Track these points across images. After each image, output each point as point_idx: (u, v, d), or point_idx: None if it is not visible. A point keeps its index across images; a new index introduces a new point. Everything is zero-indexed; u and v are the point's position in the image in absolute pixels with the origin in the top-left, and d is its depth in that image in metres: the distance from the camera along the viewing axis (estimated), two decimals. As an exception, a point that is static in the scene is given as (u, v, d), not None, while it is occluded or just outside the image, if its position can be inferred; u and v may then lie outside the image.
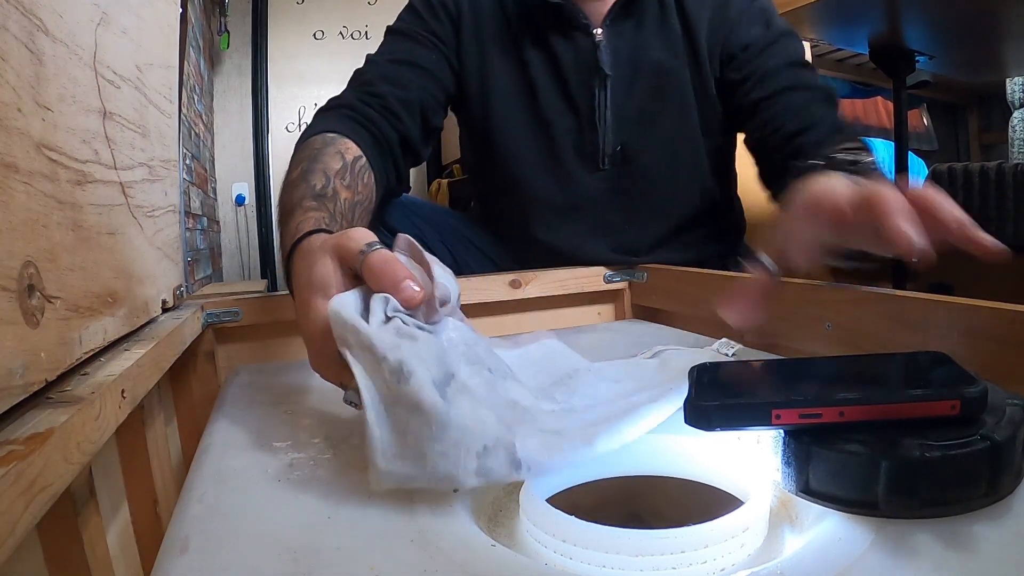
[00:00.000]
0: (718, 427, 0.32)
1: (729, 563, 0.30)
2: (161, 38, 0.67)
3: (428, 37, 0.89)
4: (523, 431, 0.35)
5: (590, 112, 0.90)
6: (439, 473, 0.32)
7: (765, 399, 0.32)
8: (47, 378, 0.35)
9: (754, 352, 0.65)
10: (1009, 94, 2.82)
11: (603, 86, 0.89)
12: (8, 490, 0.25)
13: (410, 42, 0.89)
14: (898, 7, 1.41)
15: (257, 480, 0.38)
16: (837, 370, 0.39)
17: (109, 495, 0.48)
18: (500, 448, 0.33)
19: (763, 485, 0.34)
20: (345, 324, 0.37)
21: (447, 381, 0.35)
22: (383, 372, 0.34)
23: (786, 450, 0.32)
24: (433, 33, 0.90)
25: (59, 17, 0.39)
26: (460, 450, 0.32)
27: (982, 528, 0.28)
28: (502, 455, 0.33)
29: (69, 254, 0.39)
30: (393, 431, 0.34)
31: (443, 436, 0.32)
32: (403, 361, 0.34)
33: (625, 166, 0.91)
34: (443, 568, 0.28)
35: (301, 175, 0.63)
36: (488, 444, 0.33)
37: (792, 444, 0.31)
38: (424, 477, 0.33)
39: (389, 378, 0.34)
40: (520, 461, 0.33)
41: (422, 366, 0.34)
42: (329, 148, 0.68)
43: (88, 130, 0.44)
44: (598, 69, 0.88)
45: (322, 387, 0.59)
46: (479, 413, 0.34)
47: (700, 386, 0.36)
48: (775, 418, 0.31)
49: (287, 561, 0.29)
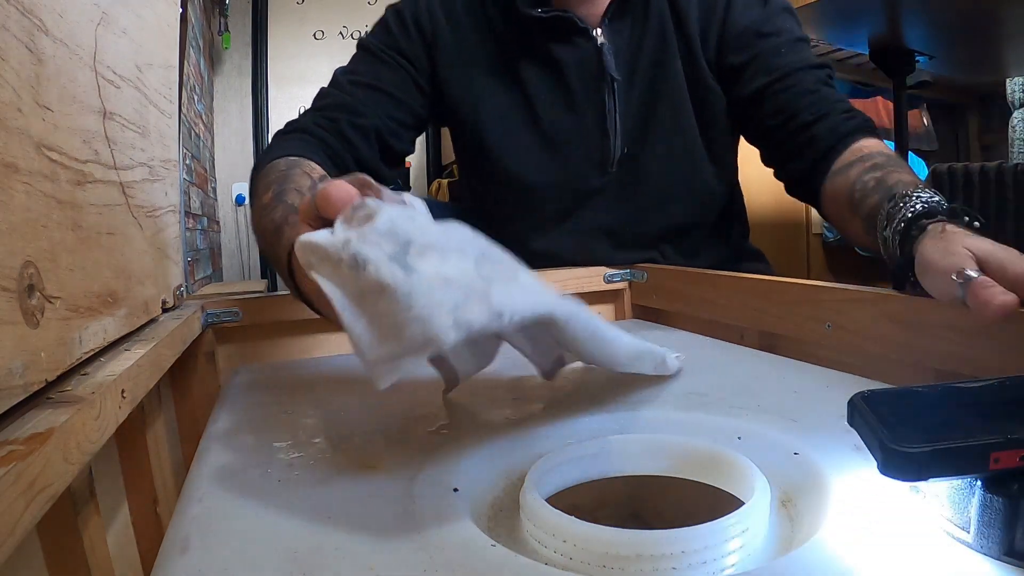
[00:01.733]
0: (929, 476, 0.27)
1: (729, 563, 0.30)
2: (161, 38, 0.67)
3: (394, 58, 0.88)
4: (496, 282, 0.34)
5: (600, 118, 0.89)
6: (417, 340, 0.31)
7: (980, 440, 0.27)
8: (47, 378, 0.35)
9: (755, 354, 0.65)
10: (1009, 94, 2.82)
11: (611, 91, 0.88)
12: (8, 490, 0.25)
13: (376, 63, 0.88)
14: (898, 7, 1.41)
15: (257, 480, 0.38)
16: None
17: (109, 495, 0.48)
18: (474, 298, 0.32)
19: (763, 485, 0.34)
20: (305, 246, 0.36)
21: (405, 250, 0.34)
22: (343, 271, 0.33)
23: (985, 503, 0.27)
24: (401, 52, 0.88)
25: (59, 17, 0.39)
26: (432, 310, 0.31)
27: None
28: (476, 305, 0.32)
29: (69, 254, 0.39)
30: (369, 323, 0.33)
31: (412, 303, 0.31)
32: (355, 251, 0.33)
33: (631, 166, 0.90)
34: (443, 568, 0.28)
35: (275, 197, 0.60)
36: (459, 299, 0.32)
37: (994, 496, 0.27)
38: (406, 350, 0.31)
39: (348, 273, 0.33)
40: (497, 309, 0.32)
41: (374, 248, 0.33)
42: (295, 169, 0.66)
43: (88, 130, 0.44)
44: (604, 74, 0.87)
45: (322, 387, 0.60)
46: (444, 270, 0.33)
47: (889, 425, 0.29)
48: (993, 462, 0.26)
49: (287, 561, 0.29)
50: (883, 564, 0.27)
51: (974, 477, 0.27)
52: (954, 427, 0.30)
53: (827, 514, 0.32)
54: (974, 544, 0.28)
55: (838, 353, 0.60)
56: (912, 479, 0.28)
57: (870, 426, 0.29)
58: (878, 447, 0.28)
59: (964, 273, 0.44)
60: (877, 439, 0.28)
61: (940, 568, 0.27)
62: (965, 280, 0.44)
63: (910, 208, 0.55)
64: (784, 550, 0.32)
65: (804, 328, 0.63)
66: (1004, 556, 0.27)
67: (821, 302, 0.61)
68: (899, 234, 0.54)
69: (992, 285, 0.42)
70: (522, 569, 0.28)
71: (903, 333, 0.53)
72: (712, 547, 0.30)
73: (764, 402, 0.48)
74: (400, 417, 0.48)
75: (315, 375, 0.65)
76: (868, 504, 0.32)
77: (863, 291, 0.57)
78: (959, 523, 0.28)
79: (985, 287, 0.42)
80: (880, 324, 0.55)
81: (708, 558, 0.29)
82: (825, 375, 0.56)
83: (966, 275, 0.44)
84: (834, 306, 0.60)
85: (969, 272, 0.44)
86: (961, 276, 0.44)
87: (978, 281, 0.43)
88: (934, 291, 0.49)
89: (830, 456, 0.38)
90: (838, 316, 0.60)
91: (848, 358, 0.59)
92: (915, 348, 0.52)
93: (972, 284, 0.43)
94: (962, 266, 0.45)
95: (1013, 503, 0.26)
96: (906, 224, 0.54)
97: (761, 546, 0.32)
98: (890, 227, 0.56)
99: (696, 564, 0.29)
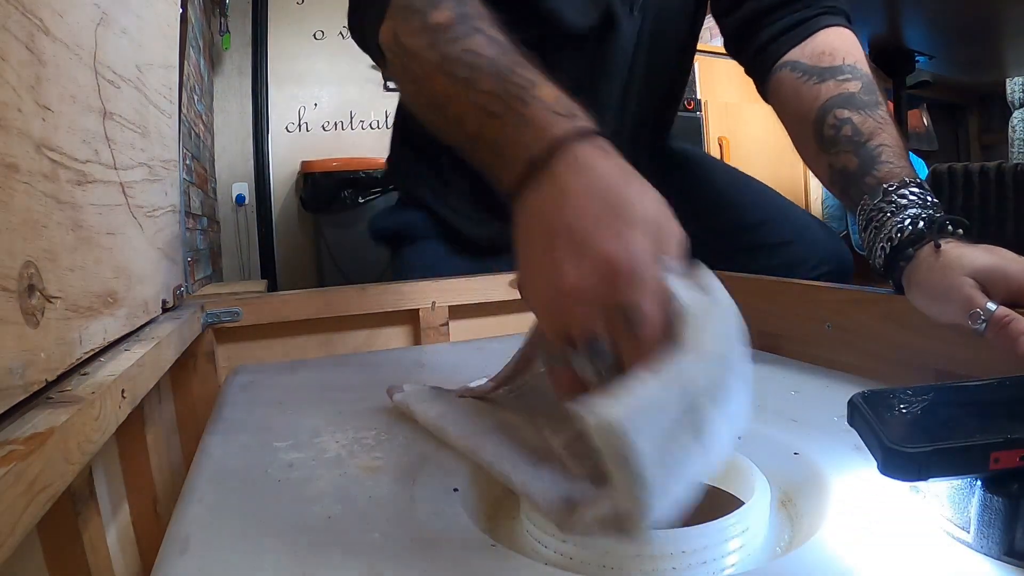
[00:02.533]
0: (929, 476, 0.27)
1: (729, 563, 0.30)
2: (161, 38, 0.67)
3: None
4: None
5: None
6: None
7: (980, 440, 0.27)
8: (47, 378, 0.35)
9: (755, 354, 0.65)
10: (1009, 94, 2.82)
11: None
12: (8, 490, 0.25)
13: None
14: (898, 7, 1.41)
15: (257, 480, 0.38)
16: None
17: (109, 495, 0.48)
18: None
19: (763, 485, 0.34)
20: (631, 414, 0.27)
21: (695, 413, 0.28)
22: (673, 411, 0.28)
23: (985, 503, 0.27)
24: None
25: (59, 17, 0.39)
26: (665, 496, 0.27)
27: None
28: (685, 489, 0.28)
29: (69, 254, 0.39)
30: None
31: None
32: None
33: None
34: (443, 568, 0.28)
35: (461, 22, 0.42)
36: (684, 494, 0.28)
37: (993, 496, 0.26)
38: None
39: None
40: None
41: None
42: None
43: (88, 130, 0.44)
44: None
45: (321, 387, 0.59)
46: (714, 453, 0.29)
47: (889, 425, 0.29)
48: (993, 462, 0.26)
49: (287, 561, 0.29)
50: (883, 564, 0.27)
51: (974, 477, 0.27)
52: (954, 427, 0.30)
53: (827, 514, 0.32)
54: (974, 544, 0.28)
55: (838, 353, 0.60)
56: (912, 479, 0.27)
57: (870, 426, 0.29)
58: (878, 447, 0.28)
59: (977, 314, 0.43)
60: (877, 439, 0.28)
61: (940, 568, 0.27)
62: (984, 319, 0.43)
63: (896, 226, 0.52)
64: (784, 550, 0.32)
65: (804, 328, 0.63)
66: (1004, 556, 0.27)
67: (821, 302, 0.61)
68: (890, 243, 0.52)
69: (1013, 318, 0.42)
70: (522, 569, 0.28)
71: (903, 333, 0.53)
72: (712, 547, 0.30)
73: (764, 402, 0.48)
74: (400, 417, 0.48)
75: (315, 375, 0.65)
76: (868, 504, 0.32)
77: (863, 291, 0.57)
78: (959, 523, 0.28)
79: (1006, 323, 0.42)
80: (880, 324, 0.55)
81: (708, 558, 0.29)
82: (825, 375, 0.56)
83: (982, 314, 0.43)
84: (834, 306, 0.60)
85: (987, 307, 0.43)
86: (976, 320, 0.43)
87: (996, 318, 0.42)
88: (932, 314, 0.49)
89: (830, 456, 0.38)
90: (838, 316, 0.60)
91: (848, 358, 0.59)
92: (915, 348, 0.52)
93: (993, 322, 0.42)
94: (973, 304, 0.44)
95: (1013, 503, 0.26)
96: (892, 249, 0.52)
97: (761, 546, 0.32)
98: (879, 236, 0.54)
99: (696, 564, 0.29)
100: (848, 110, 0.63)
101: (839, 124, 0.62)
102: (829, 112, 0.64)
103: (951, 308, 0.45)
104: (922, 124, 3.07)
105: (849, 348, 0.59)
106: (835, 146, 0.62)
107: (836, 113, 0.63)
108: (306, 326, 0.75)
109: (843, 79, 0.65)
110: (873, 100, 0.63)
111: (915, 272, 0.50)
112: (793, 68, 0.69)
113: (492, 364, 0.51)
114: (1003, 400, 0.33)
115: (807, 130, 0.66)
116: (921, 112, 3.06)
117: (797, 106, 0.68)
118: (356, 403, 0.52)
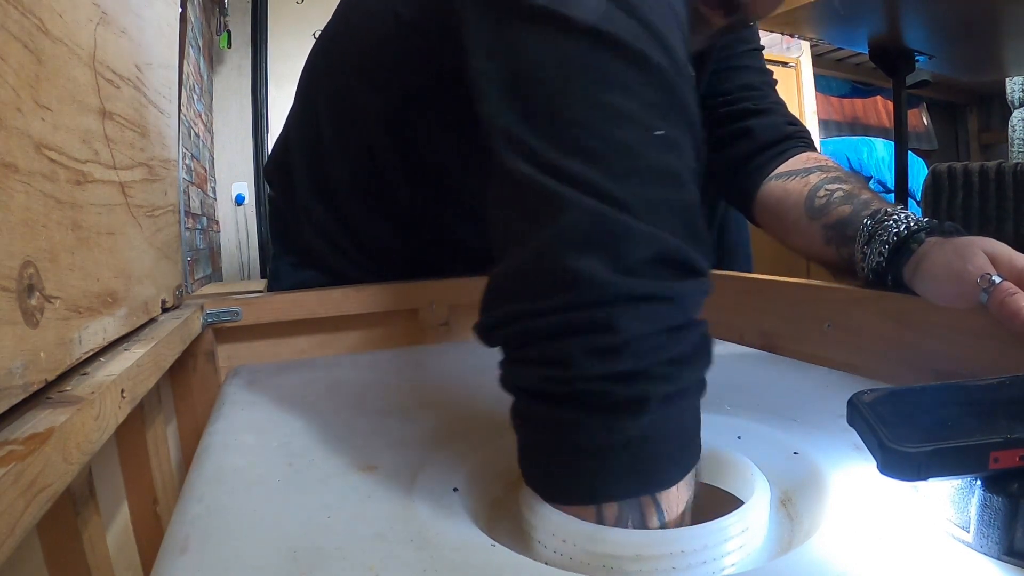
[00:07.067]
0: (928, 476, 0.27)
1: (729, 563, 0.30)
2: (161, 38, 0.67)
3: None
4: None
5: None
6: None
7: (980, 439, 0.27)
8: (47, 378, 0.35)
9: (755, 353, 0.65)
10: (1009, 94, 2.82)
11: None
12: (8, 490, 0.25)
13: None
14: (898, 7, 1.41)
15: (257, 480, 0.38)
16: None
17: (109, 495, 0.48)
18: None
19: (763, 485, 0.34)
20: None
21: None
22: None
23: (984, 503, 0.27)
24: None
25: (59, 17, 0.39)
26: None
27: None
28: None
29: (69, 254, 0.39)
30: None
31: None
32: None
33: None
34: (443, 568, 0.28)
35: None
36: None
37: (994, 496, 0.26)
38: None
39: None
40: None
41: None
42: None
43: (88, 130, 0.44)
44: None
45: (321, 387, 0.59)
46: None
47: (889, 425, 0.29)
48: (993, 462, 0.26)
49: (287, 561, 0.29)
50: (883, 564, 0.27)
51: (974, 477, 0.27)
52: (954, 427, 0.30)
53: (827, 514, 0.32)
54: (974, 544, 0.28)
55: (838, 353, 0.60)
56: (912, 479, 0.27)
57: (870, 426, 0.29)
58: (878, 447, 0.28)
59: (988, 278, 0.45)
60: (877, 439, 0.28)
61: (940, 568, 0.27)
62: (989, 285, 0.44)
63: (902, 224, 0.55)
64: (784, 550, 0.32)
65: (804, 328, 0.63)
66: (1004, 556, 0.27)
67: (821, 302, 0.61)
68: (888, 245, 0.55)
69: (1016, 292, 0.43)
70: (522, 569, 0.28)
71: (903, 333, 0.53)
72: (711, 547, 0.30)
73: (764, 402, 0.48)
74: (400, 417, 0.48)
75: (315, 375, 0.65)
76: (868, 504, 0.32)
77: (863, 291, 0.57)
78: (959, 523, 0.28)
79: (1010, 294, 0.43)
80: (880, 324, 0.55)
81: (708, 558, 0.29)
82: (825, 375, 0.56)
83: (991, 280, 0.44)
84: (834, 306, 0.60)
85: (994, 277, 0.45)
86: (986, 281, 0.45)
87: (1002, 287, 0.44)
88: (940, 296, 0.49)
89: (830, 456, 0.38)
90: (838, 316, 0.60)
91: (848, 358, 0.59)
92: (915, 348, 0.52)
93: (996, 291, 0.44)
94: (985, 270, 0.45)
95: (1013, 503, 0.26)
96: (900, 239, 0.54)
97: (761, 546, 0.32)
98: (875, 241, 0.56)
99: (695, 564, 0.29)
100: (837, 184, 0.66)
101: (831, 192, 0.66)
102: (820, 188, 0.67)
103: (961, 285, 0.47)
104: (922, 124, 3.07)
105: (849, 348, 0.59)
106: (828, 207, 0.65)
107: (827, 187, 0.66)
108: (306, 326, 0.75)
109: (827, 168, 0.69)
110: (861, 182, 0.67)
111: (924, 258, 0.51)
112: (778, 176, 0.73)
113: (492, 364, 0.51)
114: (1003, 400, 0.33)
115: (798, 211, 0.68)
116: (921, 112, 3.06)
117: (785, 200, 0.71)
118: (356, 403, 0.52)
